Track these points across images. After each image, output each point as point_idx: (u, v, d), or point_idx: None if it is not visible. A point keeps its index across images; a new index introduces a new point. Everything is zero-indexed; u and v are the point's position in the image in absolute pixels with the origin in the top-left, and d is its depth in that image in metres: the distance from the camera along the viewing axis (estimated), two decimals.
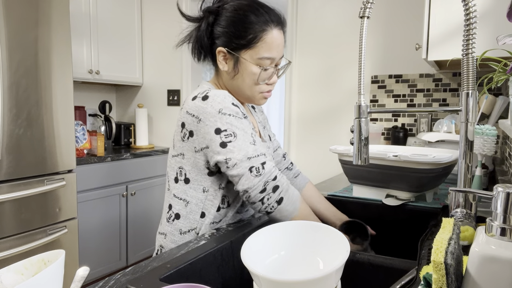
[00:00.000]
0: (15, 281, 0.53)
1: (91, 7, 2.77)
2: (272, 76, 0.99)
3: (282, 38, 0.97)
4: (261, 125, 1.14)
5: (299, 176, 1.24)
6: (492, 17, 1.46)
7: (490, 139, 1.21)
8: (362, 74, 0.81)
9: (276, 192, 0.88)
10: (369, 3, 0.78)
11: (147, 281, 0.63)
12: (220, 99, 0.91)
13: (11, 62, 1.87)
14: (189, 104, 0.93)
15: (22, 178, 1.94)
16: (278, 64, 1.00)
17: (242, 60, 0.95)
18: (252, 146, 0.89)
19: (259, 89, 0.98)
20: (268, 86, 0.99)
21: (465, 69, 0.77)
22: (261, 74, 0.96)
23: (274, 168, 0.91)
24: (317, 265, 0.58)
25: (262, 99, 1.01)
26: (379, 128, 2.21)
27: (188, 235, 0.97)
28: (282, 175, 0.92)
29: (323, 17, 2.54)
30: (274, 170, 0.90)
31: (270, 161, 0.91)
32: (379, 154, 1.12)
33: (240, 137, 0.89)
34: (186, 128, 0.94)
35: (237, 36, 0.94)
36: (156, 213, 3.03)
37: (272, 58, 0.95)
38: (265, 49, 0.94)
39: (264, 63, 0.95)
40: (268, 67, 0.96)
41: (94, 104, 3.23)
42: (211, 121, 0.89)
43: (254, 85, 0.97)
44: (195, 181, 0.96)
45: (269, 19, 0.94)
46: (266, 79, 0.98)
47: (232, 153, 0.88)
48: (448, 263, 0.43)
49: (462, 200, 0.80)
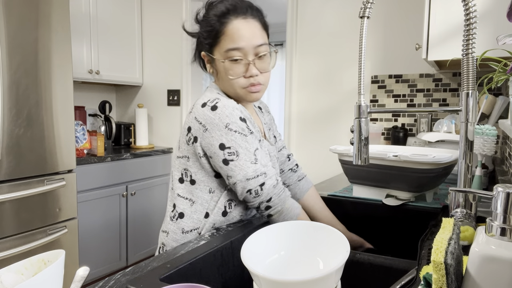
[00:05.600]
0: (15, 281, 0.53)
1: (91, 7, 2.77)
2: (249, 68, 0.94)
3: (249, 27, 0.93)
4: (267, 126, 1.13)
5: (303, 179, 1.22)
6: (492, 17, 1.46)
7: (490, 139, 1.21)
8: (362, 74, 0.81)
9: (268, 210, 0.92)
10: (369, 3, 0.78)
11: (147, 281, 0.63)
12: (229, 112, 0.90)
13: (11, 62, 1.87)
14: (198, 111, 0.94)
15: (22, 178, 1.94)
16: (258, 54, 0.94)
17: (215, 58, 0.96)
18: (252, 166, 0.90)
19: (238, 84, 0.95)
20: (248, 79, 0.95)
21: (465, 69, 0.77)
22: (233, 68, 0.94)
23: (273, 187, 0.91)
24: (317, 265, 0.58)
25: (248, 94, 0.97)
26: (379, 128, 2.21)
27: (190, 235, 0.98)
28: (278, 195, 0.92)
29: (323, 17, 2.54)
30: (271, 191, 0.91)
31: (270, 178, 0.91)
32: (379, 154, 1.12)
33: (242, 157, 0.90)
34: (191, 133, 0.95)
35: (204, 36, 0.96)
36: (156, 213, 3.03)
37: (239, 48, 0.92)
38: (229, 41, 0.92)
39: (232, 55, 0.92)
40: (238, 58, 0.92)
41: (94, 104, 3.23)
42: (218, 134, 0.90)
43: (232, 81, 0.95)
44: (201, 182, 0.97)
45: (226, 10, 0.93)
46: (243, 73, 0.94)
47: (233, 172, 0.90)
48: (448, 263, 0.43)
49: (462, 200, 0.80)
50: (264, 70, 0.96)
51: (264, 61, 0.96)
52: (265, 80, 0.98)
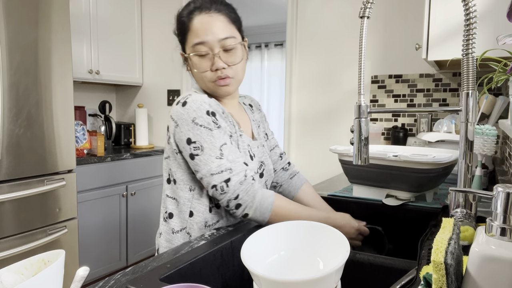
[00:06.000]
0: (15, 281, 0.53)
1: (91, 7, 2.77)
2: (214, 61, 0.95)
3: (213, 21, 0.94)
4: (256, 123, 1.13)
5: (296, 176, 1.22)
6: (492, 17, 1.46)
7: (490, 139, 1.21)
8: (362, 74, 0.81)
9: (239, 209, 0.91)
10: (369, 3, 0.78)
11: (147, 281, 0.63)
12: (196, 107, 0.92)
13: (11, 62, 1.87)
14: (173, 109, 0.97)
15: (22, 178, 1.94)
16: (224, 47, 0.95)
17: (187, 55, 0.98)
18: (217, 161, 0.90)
19: (206, 78, 0.97)
20: (215, 73, 0.96)
21: (465, 69, 0.77)
22: (200, 62, 0.96)
23: (239, 184, 0.90)
24: (317, 265, 0.58)
25: (217, 88, 0.98)
26: (379, 128, 2.21)
27: (179, 234, 0.99)
28: (246, 191, 0.90)
29: (323, 17, 2.54)
30: (238, 188, 0.89)
31: (237, 174, 0.90)
32: (379, 154, 1.12)
33: (206, 152, 0.90)
34: (169, 131, 0.98)
35: (177, 34, 1.01)
36: (156, 213, 3.03)
37: (204, 41, 0.94)
38: (194, 36, 0.95)
39: (198, 49, 0.95)
40: (204, 52, 0.94)
41: (94, 104, 3.23)
42: (186, 129, 0.92)
43: (201, 75, 0.97)
44: (181, 181, 0.99)
45: (193, 8, 0.96)
46: (209, 66, 0.96)
47: (198, 167, 0.91)
48: (448, 263, 0.43)
49: (462, 200, 0.80)
50: (232, 63, 0.97)
51: (232, 54, 0.97)
52: (235, 73, 0.98)
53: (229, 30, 0.96)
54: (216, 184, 0.89)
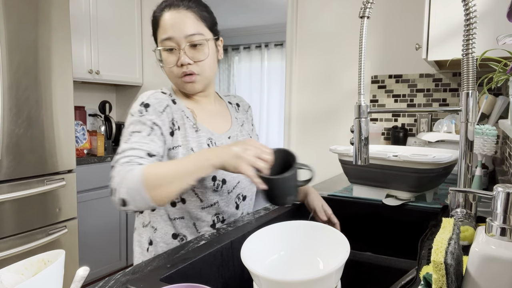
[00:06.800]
0: (15, 281, 0.53)
1: (91, 7, 2.77)
2: (180, 56, 0.95)
3: (180, 17, 0.95)
4: (238, 122, 1.12)
5: None
6: (492, 17, 1.46)
7: (490, 139, 1.21)
8: (362, 74, 0.81)
9: (114, 196, 0.83)
10: (369, 3, 0.78)
11: (147, 281, 0.63)
12: (138, 100, 0.95)
13: (11, 62, 1.87)
14: None
15: (22, 178, 1.94)
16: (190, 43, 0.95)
17: (155, 50, 1.00)
18: (123, 145, 0.89)
19: (173, 73, 0.98)
20: (181, 68, 0.96)
21: (465, 69, 0.77)
22: (168, 57, 0.97)
23: (120, 166, 0.83)
24: (317, 265, 0.58)
25: (183, 84, 0.98)
26: (379, 128, 2.21)
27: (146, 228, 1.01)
28: (119, 171, 0.82)
29: (323, 17, 2.54)
30: (117, 170, 0.83)
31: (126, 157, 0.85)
32: (379, 154, 1.12)
33: (123, 137, 0.92)
34: None
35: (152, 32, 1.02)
36: None
37: (170, 37, 0.95)
38: (162, 31, 0.96)
39: (166, 44, 0.96)
40: (171, 47, 0.96)
41: (94, 104, 3.23)
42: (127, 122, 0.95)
43: (168, 70, 0.98)
44: None
45: (164, 5, 0.97)
46: (175, 61, 0.96)
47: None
48: (448, 263, 0.43)
49: (462, 200, 0.80)
50: (197, 59, 0.97)
51: (198, 50, 0.97)
52: (201, 70, 0.98)
53: (197, 27, 0.97)
54: (113, 165, 0.86)
